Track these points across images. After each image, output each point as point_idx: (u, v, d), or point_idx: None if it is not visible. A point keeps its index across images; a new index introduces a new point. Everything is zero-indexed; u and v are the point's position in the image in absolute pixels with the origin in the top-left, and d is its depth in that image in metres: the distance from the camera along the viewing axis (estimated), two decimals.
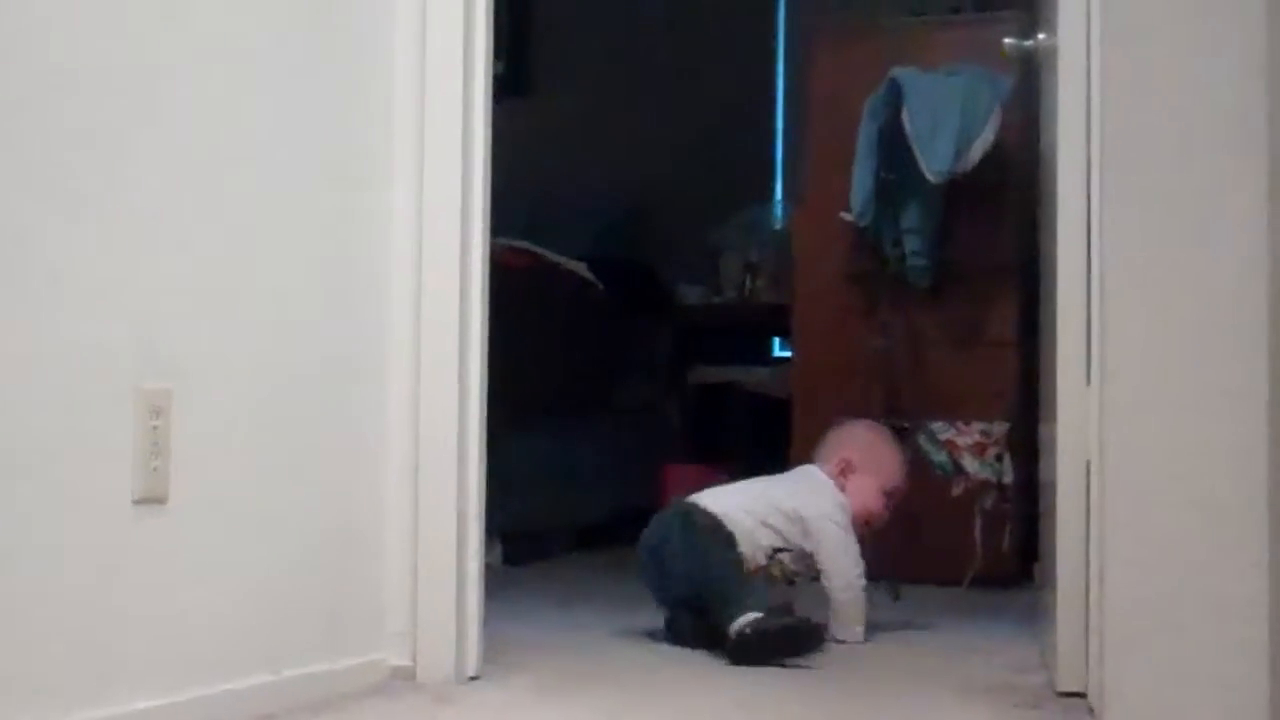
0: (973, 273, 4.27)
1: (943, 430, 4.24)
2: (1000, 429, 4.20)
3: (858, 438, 3.45)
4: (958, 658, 3.02)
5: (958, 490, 4.20)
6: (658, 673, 2.87)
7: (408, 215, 2.70)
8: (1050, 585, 2.75)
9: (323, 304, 2.55)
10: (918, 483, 4.22)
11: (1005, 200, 4.24)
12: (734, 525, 3.18)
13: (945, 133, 4.08)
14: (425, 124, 2.69)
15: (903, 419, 4.23)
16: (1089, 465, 2.45)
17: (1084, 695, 2.50)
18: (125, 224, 2.14)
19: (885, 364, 4.25)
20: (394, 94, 2.70)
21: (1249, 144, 2.23)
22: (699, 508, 3.23)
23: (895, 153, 4.16)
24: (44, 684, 2.00)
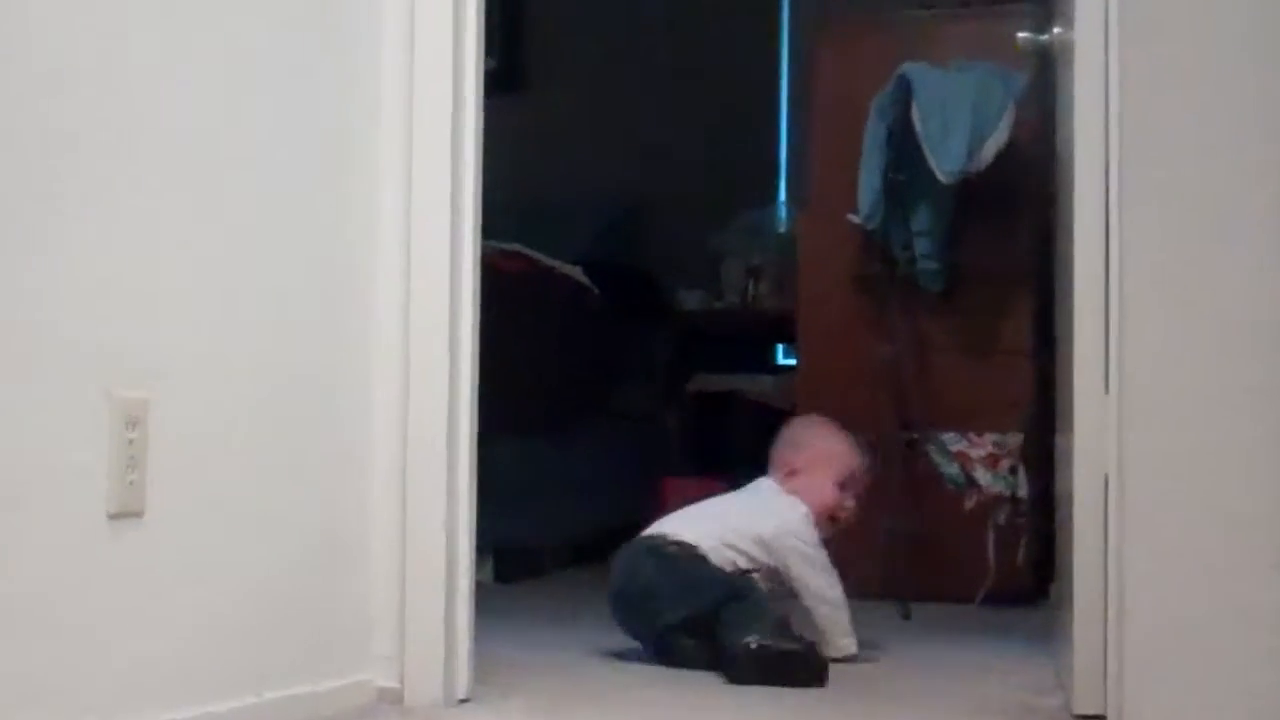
0: (985, 277, 4.27)
1: (954, 441, 4.24)
2: (1014, 440, 4.20)
3: (796, 437, 3.44)
4: (971, 678, 3.02)
5: (970, 504, 4.20)
6: (655, 694, 2.87)
7: (395, 216, 2.69)
8: (1067, 603, 2.75)
9: (305, 310, 2.55)
10: (928, 497, 4.26)
11: (1019, 201, 4.23)
12: (703, 550, 3.19)
13: (957, 131, 4.08)
14: (414, 121, 2.69)
15: (912, 430, 4.24)
16: (1107, 477, 2.45)
17: (1103, 717, 2.50)
18: (98, 227, 2.14)
19: (894, 372, 4.24)
20: (381, 90, 2.70)
21: (1272, 140, 2.24)
22: (664, 537, 3.24)
23: (904, 152, 4.17)
24: (10, 712, 1.99)
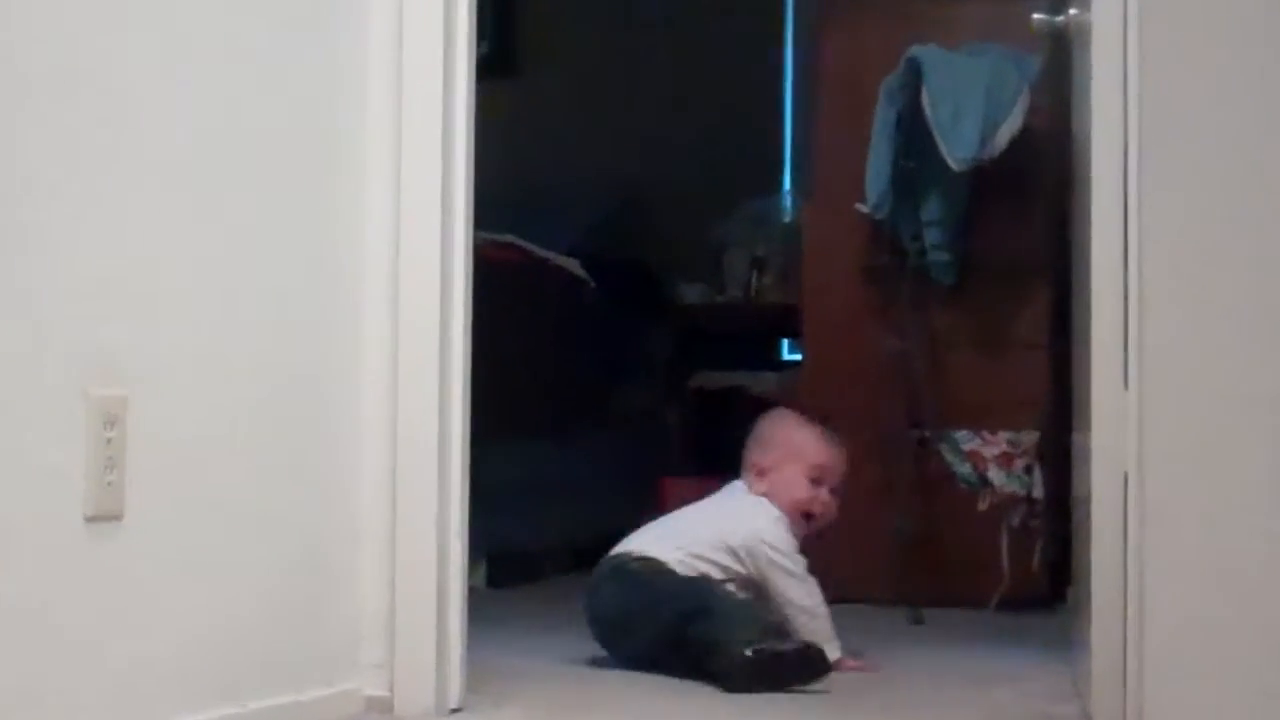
0: (999, 268, 4.27)
1: (967, 440, 4.24)
2: (1029, 438, 4.20)
3: (763, 434, 3.42)
4: (984, 686, 3.02)
5: (983, 505, 4.19)
6: (653, 703, 2.87)
7: (383, 206, 2.69)
8: (1084, 607, 2.74)
9: (292, 309, 2.54)
10: (940, 498, 4.25)
11: (1034, 189, 4.23)
12: (669, 564, 3.19)
13: (969, 117, 4.07)
14: (403, 107, 2.69)
15: (923, 428, 4.24)
16: (1126, 476, 2.45)
17: None
18: (77, 223, 2.13)
19: (904, 368, 4.24)
20: (368, 75, 2.69)
21: None
22: (628, 555, 3.25)
23: (914, 139, 4.16)
24: None
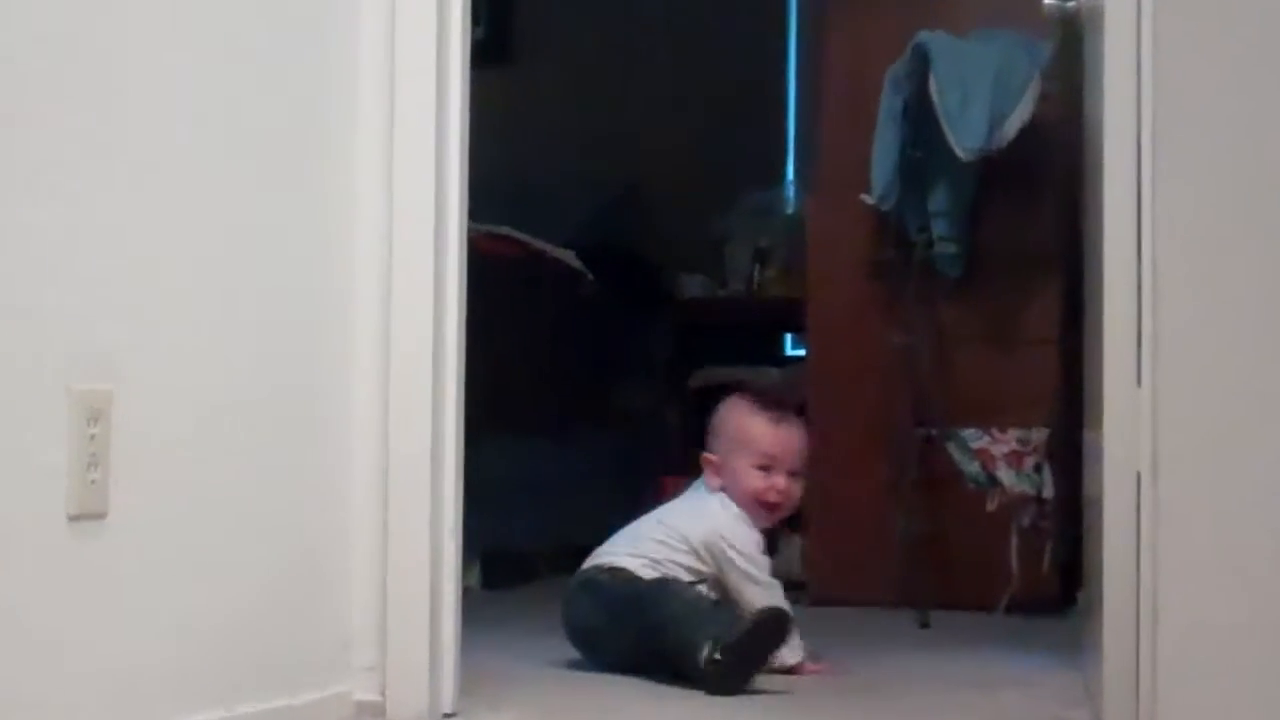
0: (1008, 261, 4.27)
1: (975, 438, 4.24)
2: (1039, 436, 4.20)
3: (714, 425, 3.41)
4: (993, 691, 3.02)
5: (992, 505, 4.20)
6: (649, 707, 2.87)
7: (375, 200, 2.69)
8: (1096, 610, 2.74)
9: (280, 304, 2.54)
10: (947, 497, 4.25)
11: (1044, 179, 4.24)
12: (637, 572, 3.20)
13: (977, 105, 4.08)
14: (395, 95, 2.68)
15: (930, 426, 4.24)
16: (1139, 475, 2.45)
17: None
18: (62, 214, 2.13)
19: (910, 364, 4.24)
20: (359, 61, 2.69)
21: None
22: (598, 568, 3.26)
23: (921, 128, 4.17)
24: None
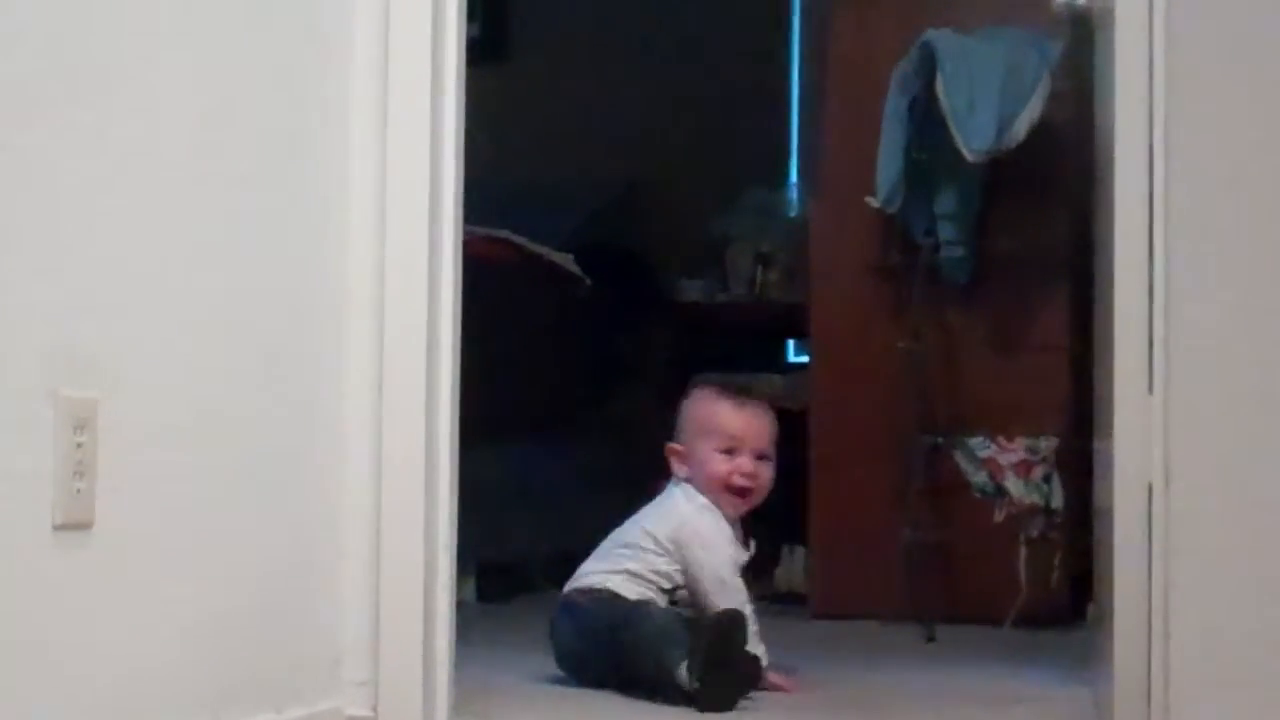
0: (1016, 265, 4.27)
1: (982, 447, 4.24)
2: (1048, 445, 4.20)
3: (680, 420, 3.43)
4: (1000, 707, 3.02)
5: (1000, 516, 4.20)
6: None
7: (368, 196, 2.69)
8: (1106, 624, 2.74)
9: (270, 306, 2.54)
10: (954, 508, 4.25)
11: (1054, 182, 4.24)
12: (615, 589, 3.21)
13: (985, 105, 4.08)
14: (389, 94, 2.69)
15: (936, 434, 4.24)
16: (1151, 486, 2.45)
17: None
18: (46, 217, 2.13)
19: (916, 371, 4.24)
20: (353, 59, 2.69)
21: None
22: (576, 590, 3.27)
23: (928, 128, 4.16)
24: None
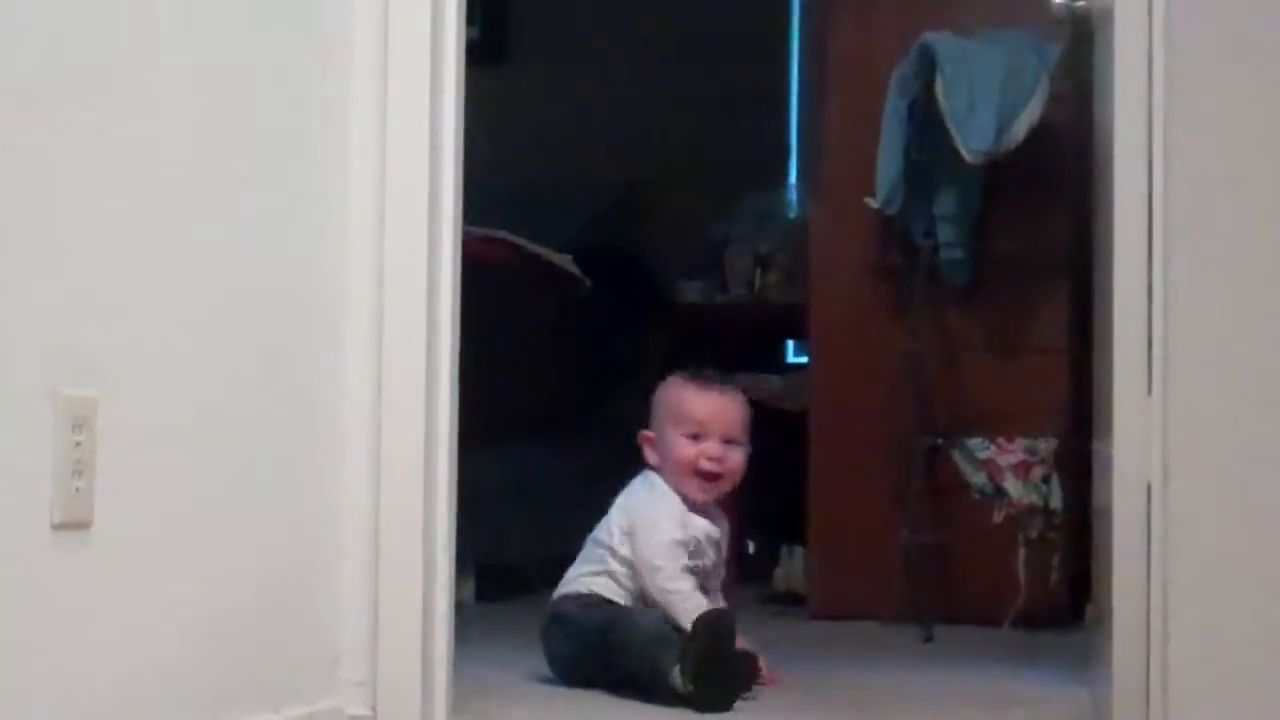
0: (1016, 267, 4.27)
1: (981, 448, 4.24)
2: (1047, 446, 4.20)
3: (652, 410, 3.42)
4: (999, 708, 3.02)
5: (999, 516, 4.20)
6: None
7: (367, 197, 2.69)
8: (1105, 625, 2.75)
9: (269, 307, 2.54)
10: (953, 508, 4.25)
11: (1053, 183, 4.24)
12: (600, 593, 3.21)
13: (985, 107, 4.08)
14: (388, 95, 2.69)
15: (936, 435, 4.24)
16: (1150, 486, 2.45)
17: None
18: (46, 216, 2.13)
19: (915, 372, 4.24)
20: (353, 61, 2.70)
21: None
22: (564, 598, 3.26)
23: (927, 130, 4.17)
24: None
